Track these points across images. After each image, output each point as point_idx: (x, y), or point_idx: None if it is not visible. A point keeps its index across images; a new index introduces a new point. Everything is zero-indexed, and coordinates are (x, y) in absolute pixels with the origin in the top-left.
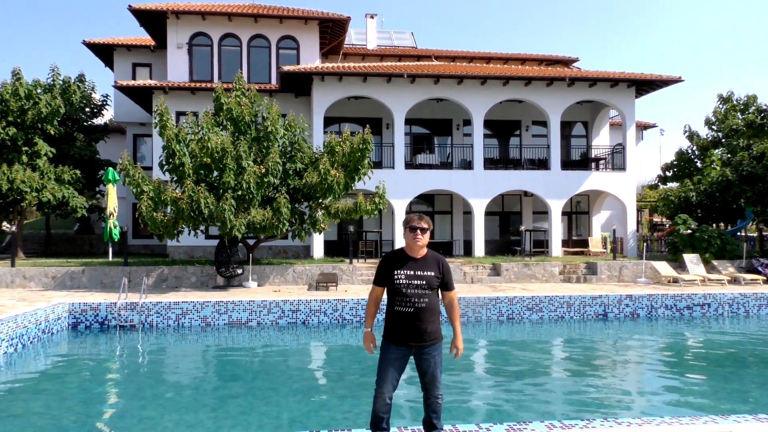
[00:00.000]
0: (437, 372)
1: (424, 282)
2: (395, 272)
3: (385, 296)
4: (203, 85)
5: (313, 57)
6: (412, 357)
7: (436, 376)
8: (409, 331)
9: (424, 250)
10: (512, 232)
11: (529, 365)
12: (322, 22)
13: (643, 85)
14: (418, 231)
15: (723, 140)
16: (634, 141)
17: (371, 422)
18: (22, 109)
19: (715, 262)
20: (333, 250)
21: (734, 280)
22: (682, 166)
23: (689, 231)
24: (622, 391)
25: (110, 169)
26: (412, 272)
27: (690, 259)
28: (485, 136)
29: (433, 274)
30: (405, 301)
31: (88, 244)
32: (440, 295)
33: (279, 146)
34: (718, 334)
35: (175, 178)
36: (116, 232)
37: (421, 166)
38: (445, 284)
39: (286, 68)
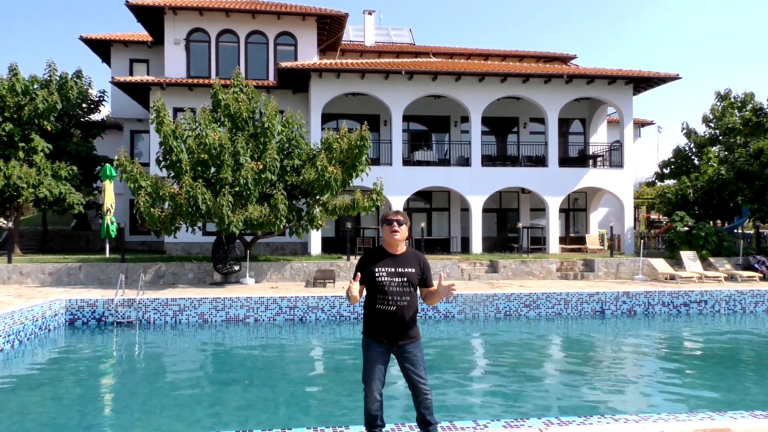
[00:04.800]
0: (421, 369)
1: (405, 279)
2: (376, 270)
3: (364, 293)
4: (201, 81)
5: (310, 53)
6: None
7: (421, 373)
8: (390, 330)
9: (404, 247)
10: (510, 229)
11: (526, 362)
12: (320, 18)
13: (641, 83)
14: (394, 224)
15: (720, 138)
16: (632, 138)
17: (365, 422)
18: (19, 104)
19: (711, 260)
20: (330, 246)
21: (731, 277)
22: (679, 164)
23: (686, 228)
24: (619, 387)
25: (107, 165)
26: (393, 269)
27: (687, 256)
28: (483, 132)
29: (413, 271)
30: (387, 300)
31: (85, 241)
32: (419, 292)
33: (276, 143)
34: (714, 331)
35: (173, 175)
36: (113, 228)
37: (419, 163)
38: (425, 281)
39: (283, 64)
